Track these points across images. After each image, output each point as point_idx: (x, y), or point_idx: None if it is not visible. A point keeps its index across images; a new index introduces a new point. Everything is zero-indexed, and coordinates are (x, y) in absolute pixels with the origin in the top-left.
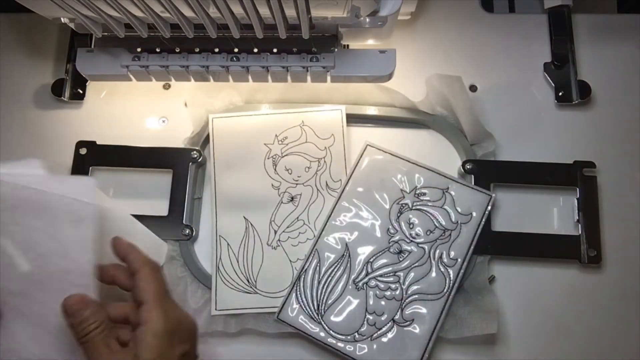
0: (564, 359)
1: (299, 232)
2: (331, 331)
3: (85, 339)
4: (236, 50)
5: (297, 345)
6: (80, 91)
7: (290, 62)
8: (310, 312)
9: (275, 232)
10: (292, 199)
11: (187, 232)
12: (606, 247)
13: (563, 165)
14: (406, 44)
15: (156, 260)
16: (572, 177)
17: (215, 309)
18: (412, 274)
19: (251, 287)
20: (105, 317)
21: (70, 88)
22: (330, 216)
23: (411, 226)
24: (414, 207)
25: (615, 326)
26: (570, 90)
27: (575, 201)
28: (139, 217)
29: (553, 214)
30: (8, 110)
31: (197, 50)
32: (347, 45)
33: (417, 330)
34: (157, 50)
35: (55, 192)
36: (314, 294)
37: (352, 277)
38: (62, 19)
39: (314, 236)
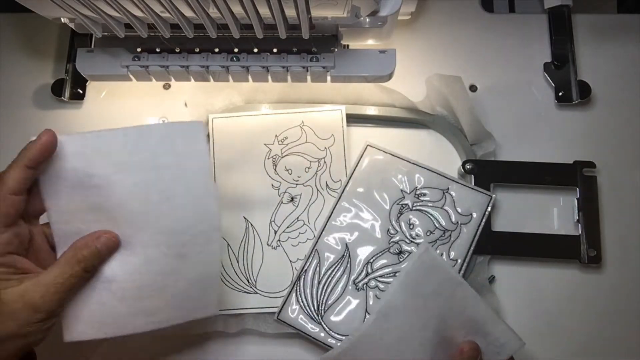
0: (564, 359)
1: (299, 233)
2: (331, 331)
3: None
4: (236, 50)
5: (297, 345)
6: (80, 91)
7: (290, 62)
8: (310, 313)
9: (275, 232)
10: (292, 199)
11: None
12: (606, 247)
13: (563, 165)
14: (406, 44)
15: None
16: (572, 177)
17: None
18: None
19: (251, 287)
20: None
21: (70, 88)
22: (330, 216)
23: (411, 227)
24: (414, 208)
25: (615, 326)
26: (570, 90)
27: (575, 201)
28: None
29: (553, 214)
30: (8, 110)
31: (197, 50)
32: (347, 45)
33: None
34: (157, 50)
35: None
36: (314, 294)
37: (352, 277)
38: (62, 19)
39: (314, 236)
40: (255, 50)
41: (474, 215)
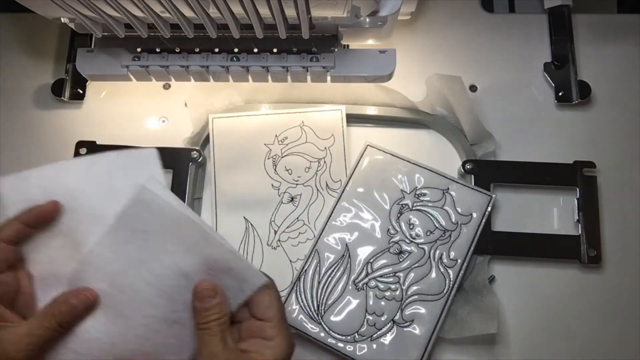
0: (564, 359)
1: (299, 233)
2: (331, 331)
3: (205, 326)
4: (236, 50)
5: (297, 345)
6: (80, 91)
7: (290, 62)
8: (310, 313)
9: (275, 232)
10: (292, 199)
11: None
12: (606, 247)
13: (563, 165)
14: (406, 44)
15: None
16: (572, 177)
17: None
18: (412, 275)
19: None
20: (228, 313)
21: (70, 88)
22: (330, 216)
23: (411, 227)
24: (414, 208)
25: (615, 326)
26: (570, 90)
27: (575, 201)
28: None
29: (553, 214)
30: (8, 110)
31: (197, 50)
32: (347, 45)
33: (417, 331)
34: (157, 50)
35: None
36: (314, 294)
37: (352, 277)
38: (62, 19)
39: (314, 236)
40: (255, 50)
41: (474, 215)
